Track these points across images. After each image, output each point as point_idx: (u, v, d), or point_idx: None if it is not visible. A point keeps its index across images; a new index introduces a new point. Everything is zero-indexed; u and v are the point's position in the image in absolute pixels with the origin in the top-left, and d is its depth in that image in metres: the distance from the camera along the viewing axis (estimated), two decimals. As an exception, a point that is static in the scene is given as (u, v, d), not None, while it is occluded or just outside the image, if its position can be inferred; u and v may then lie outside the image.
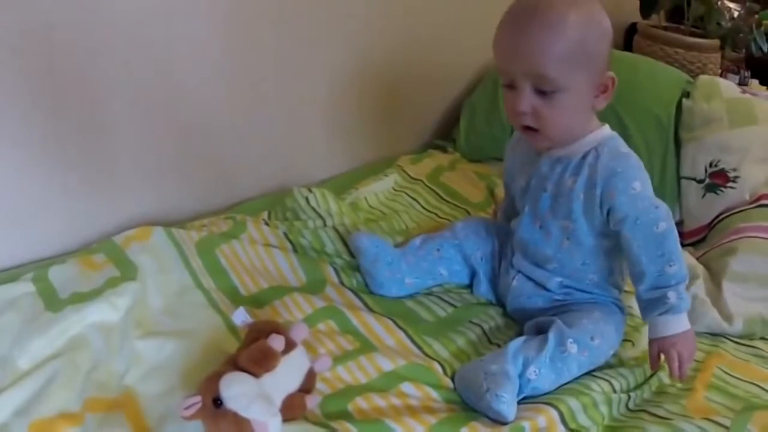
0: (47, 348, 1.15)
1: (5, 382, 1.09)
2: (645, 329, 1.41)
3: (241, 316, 1.15)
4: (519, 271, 1.45)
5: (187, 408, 0.97)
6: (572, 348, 1.24)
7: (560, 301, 1.40)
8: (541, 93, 1.25)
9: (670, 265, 1.25)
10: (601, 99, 1.32)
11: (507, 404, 1.13)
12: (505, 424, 1.13)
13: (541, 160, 1.39)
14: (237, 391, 0.98)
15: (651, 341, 1.30)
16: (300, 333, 1.15)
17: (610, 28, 1.30)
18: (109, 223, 1.54)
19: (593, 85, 1.29)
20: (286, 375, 1.07)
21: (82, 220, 1.51)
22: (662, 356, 1.29)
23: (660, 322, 1.27)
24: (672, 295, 1.24)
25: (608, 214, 1.29)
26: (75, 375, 1.11)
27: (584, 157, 1.32)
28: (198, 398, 0.98)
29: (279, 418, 0.99)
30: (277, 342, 1.06)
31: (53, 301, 1.25)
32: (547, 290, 1.41)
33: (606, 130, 1.36)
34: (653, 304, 1.27)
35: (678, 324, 1.26)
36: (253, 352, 1.05)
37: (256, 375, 1.02)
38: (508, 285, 1.46)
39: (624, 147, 1.34)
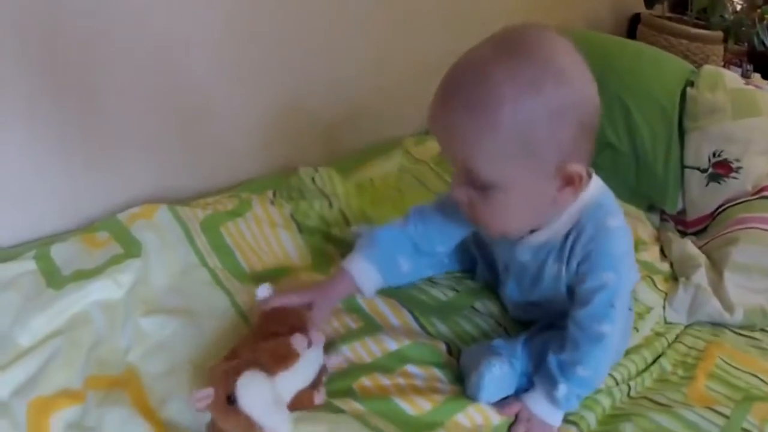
0: (48, 325, 1.13)
1: (5, 361, 1.06)
2: (648, 316, 1.43)
3: (264, 292, 1.13)
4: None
5: (199, 400, 0.94)
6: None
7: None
8: (476, 186, 1.01)
9: (583, 369, 1.08)
10: (567, 193, 1.01)
11: (492, 375, 1.09)
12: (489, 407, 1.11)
13: (517, 249, 1.16)
14: (254, 395, 0.95)
15: (522, 397, 1.15)
16: (318, 339, 1.09)
17: (578, 99, 0.95)
18: (111, 201, 1.51)
19: (548, 179, 0.99)
20: (301, 373, 1.04)
21: (85, 199, 1.48)
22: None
23: (537, 395, 1.13)
24: (562, 389, 1.09)
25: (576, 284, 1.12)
26: (76, 353, 1.09)
27: (567, 237, 1.09)
28: (211, 391, 0.95)
29: (291, 425, 0.97)
30: (300, 344, 1.02)
31: (55, 279, 1.22)
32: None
33: (588, 194, 1.07)
34: (545, 379, 1.12)
35: (549, 413, 1.12)
36: (275, 351, 1.01)
37: (272, 372, 0.98)
38: (505, 297, 1.35)
39: (612, 218, 1.07)
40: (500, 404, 1.13)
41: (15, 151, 1.35)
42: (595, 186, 1.08)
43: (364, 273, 1.21)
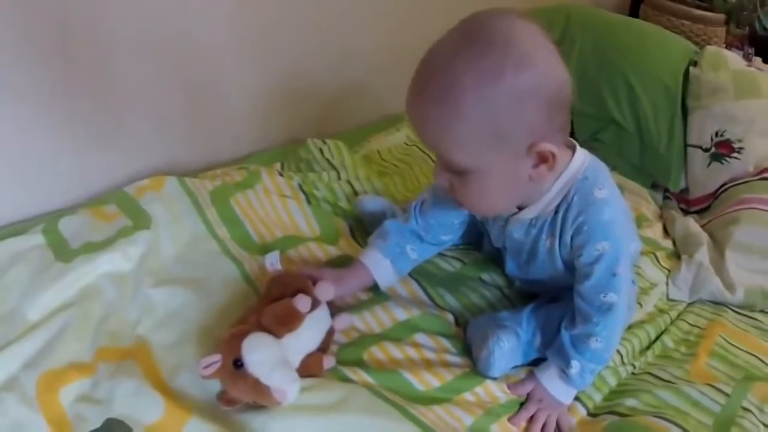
0: (58, 299, 1.11)
1: (15, 335, 1.05)
2: (652, 292, 1.40)
3: (272, 259, 1.12)
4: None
5: (206, 367, 0.93)
6: None
7: None
8: (454, 172, 1.00)
9: (597, 340, 1.07)
10: (542, 170, 0.99)
11: (502, 351, 1.09)
12: (492, 378, 1.12)
13: (510, 226, 1.15)
14: (260, 356, 0.93)
15: (534, 376, 1.14)
16: (326, 293, 1.09)
17: (541, 80, 0.92)
18: (118, 176, 1.50)
19: (520, 159, 0.97)
20: (308, 335, 1.02)
21: (92, 174, 1.47)
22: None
23: (550, 373, 1.12)
24: (575, 365, 1.08)
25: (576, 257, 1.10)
26: (86, 325, 1.08)
27: (557, 210, 1.07)
28: (218, 357, 0.93)
29: (298, 383, 0.95)
30: (303, 303, 1.01)
31: (64, 252, 1.20)
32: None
33: (574, 167, 1.05)
34: (558, 355, 1.11)
35: (562, 391, 1.11)
36: (278, 312, 0.99)
37: (278, 335, 0.97)
38: (507, 272, 1.32)
39: (599, 189, 1.04)
40: (514, 385, 1.13)
41: (22, 127, 1.32)
42: (581, 159, 1.07)
43: (379, 265, 1.22)
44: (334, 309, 1.14)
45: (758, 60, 2.39)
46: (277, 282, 1.07)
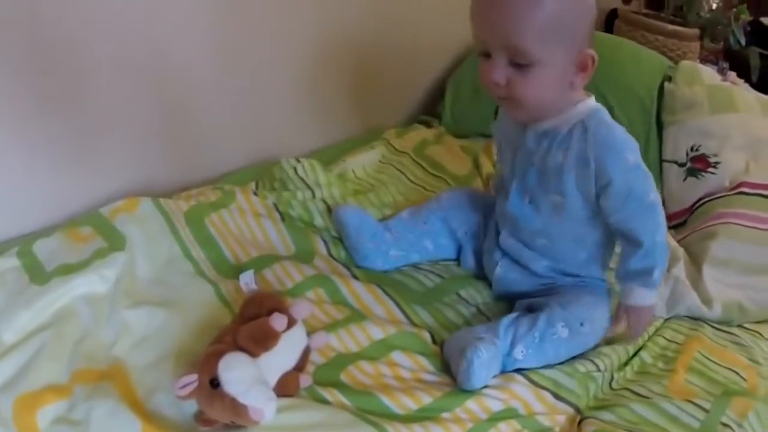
0: (33, 321, 1.11)
1: None
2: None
3: (247, 279, 1.13)
4: (504, 254, 1.39)
5: (182, 387, 0.93)
6: (563, 332, 1.21)
7: (548, 284, 1.36)
8: (516, 65, 1.16)
9: (661, 235, 1.23)
10: (581, 77, 1.21)
11: (481, 361, 1.11)
12: (472, 391, 1.12)
13: (527, 134, 1.29)
14: (236, 375, 0.94)
15: (623, 305, 1.28)
16: (302, 310, 1.10)
17: (593, 5, 1.19)
18: (94, 196, 1.49)
19: (571, 61, 1.18)
20: (284, 354, 1.03)
21: (68, 194, 1.47)
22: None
23: (638, 292, 1.25)
24: (657, 272, 1.23)
25: (603, 187, 1.22)
26: (63, 347, 1.07)
27: (571, 130, 1.24)
28: (194, 377, 0.94)
29: (275, 402, 0.95)
30: (279, 322, 1.02)
31: (39, 274, 1.20)
32: (534, 274, 1.36)
33: (591, 102, 1.26)
34: (638, 275, 1.25)
35: (651, 297, 1.26)
36: (254, 332, 1.00)
37: (254, 354, 0.98)
38: (492, 269, 1.40)
39: (609, 118, 1.25)
40: (612, 326, 1.31)
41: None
42: (596, 104, 1.27)
43: None
44: (309, 327, 1.15)
45: (733, 74, 2.44)
46: (252, 301, 1.08)
